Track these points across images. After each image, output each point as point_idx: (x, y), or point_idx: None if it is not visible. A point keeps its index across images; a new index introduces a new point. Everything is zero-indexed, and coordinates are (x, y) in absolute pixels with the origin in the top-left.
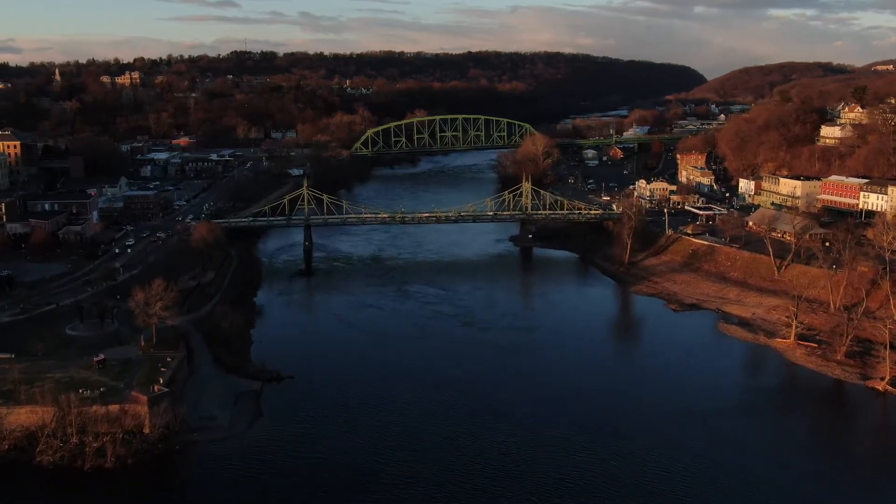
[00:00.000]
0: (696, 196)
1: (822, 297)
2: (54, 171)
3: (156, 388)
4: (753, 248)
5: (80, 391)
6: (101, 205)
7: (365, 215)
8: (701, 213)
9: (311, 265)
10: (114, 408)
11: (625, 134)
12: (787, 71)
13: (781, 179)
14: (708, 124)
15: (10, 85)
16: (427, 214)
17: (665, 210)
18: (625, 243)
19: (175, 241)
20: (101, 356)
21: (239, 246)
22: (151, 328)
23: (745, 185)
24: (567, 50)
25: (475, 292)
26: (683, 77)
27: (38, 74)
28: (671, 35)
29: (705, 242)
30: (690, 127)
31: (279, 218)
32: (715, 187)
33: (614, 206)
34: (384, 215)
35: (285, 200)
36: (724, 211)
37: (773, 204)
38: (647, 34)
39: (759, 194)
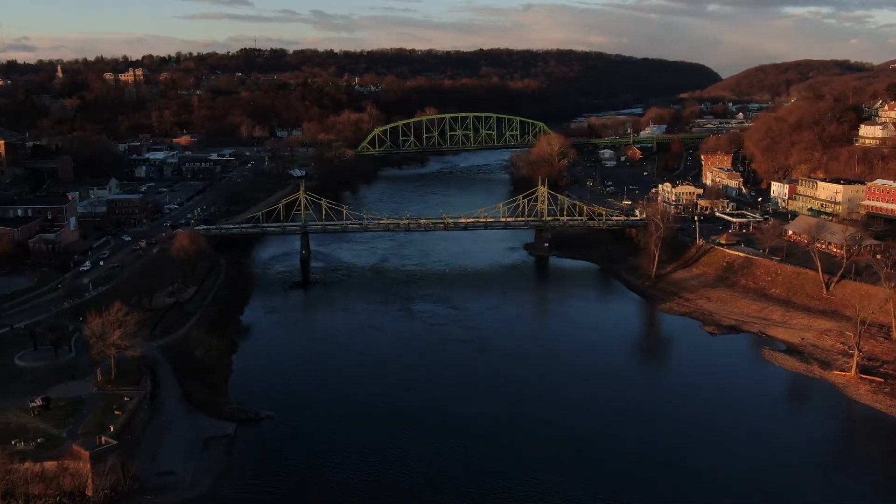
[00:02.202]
0: (726, 201)
1: (881, 320)
2: (42, 171)
3: (103, 439)
4: (796, 261)
5: (14, 442)
6: (83, 209)
7: (367, 222)
8: (733, 220)
9: (309, 277)
10: (50, 465)
11: (642, 133)
12: (804, 69)
13: (819, 183)
14: (726, 123)
15: (9, 82)
16: (434, 221)
17: (695, 217)
18: (652, 254)
19: (156, 252)
20: (38, 401)
21: (230, 255)
22: (110, 360)
23: (778, 189)
24: (580, 48)
25: (487, 312)
26: (698, 75)
27: (41, 72)
28: (685, 33)
29: (741, 254)
30: (710, 126)
31: (274, 224)
32: (744, 191)
33: (637, 212)
34: (388, 222)
35: (281, 205)
36: (759, 218)
37: (810, 210)
38: (660, 32)
39: (794, 199)
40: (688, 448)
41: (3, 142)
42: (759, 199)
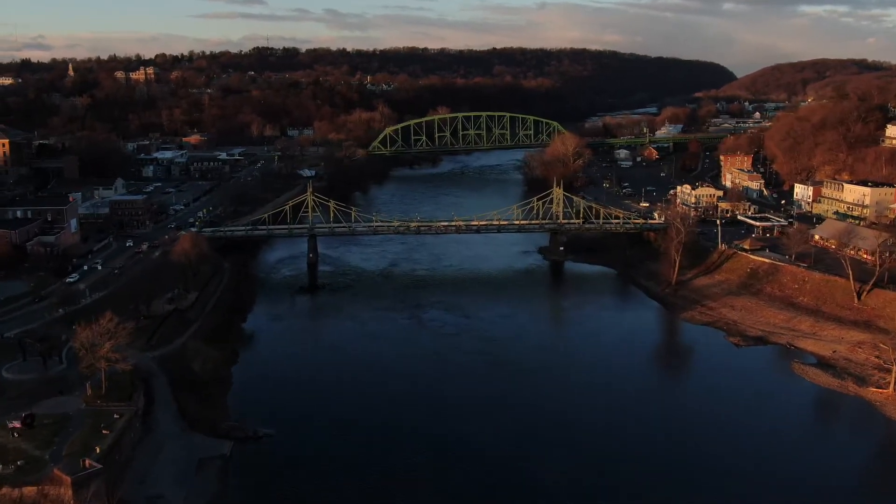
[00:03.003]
0: (748, 203)
1: None
2: (47, 171)
3: (87, 462)
4: (825, 268)
5: None
6: (85, 211)
7: (376, 224)
8: (757, 223)
9: (316, 281)
10: (29, 490)
11: (658, 133)
12: (821, 68)
13: (846, 185)
14: (743, 123)
15: (20, 80)
16: (446, 224)
17: (717, 220)
18: (672, 260)
19: (157, 256)
20: (16, 423)
21: (235, 258)
22: (100, 373)
23: (802, 191)
24: (594, 47)
25: (501, 320)
26: (712, 74)
27: (53, 70)
28: (699, 32)
29: (766, 260)
30: (726, 125)
31: (280, 227)
32: (765, 193)
33: (655, 215)
34: (398, 224)
35: (288, 207)
36: (784, 222)
37: (836, 213)
38: (674, 31)
39: (819, 202)
40: (715, 469)
41: (7, 141)
42: (783, 202)
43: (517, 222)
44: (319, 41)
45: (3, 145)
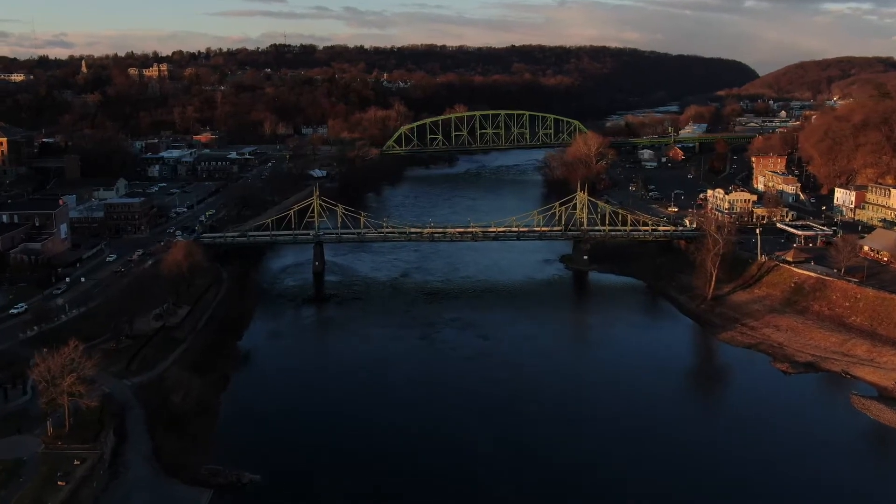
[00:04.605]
0: (785, 209)
1: None
2: (48, 170)
3: None
4: (879, 284)
5: None
6: (79, 214)
7: (387, 230)
8: (798, 232)
9: (322, 292)
10: None
11: (681, 132)
12: (846, 66)
13: (893, 191)
14: (769, 122)
15: (32, 77)
16: (462, 230)
17: (756, 229)
18: (708, 272)
19: (148, 266)
20: None
21: (235, 267)
22: (63, 408)
23: (843, 196)
24: (613, 44)
25: (522, 342)
26: (734, 72)
27: (66, 66)
28: (720, 29)
29: (813, 274)
30: (752, 125)
31: (284, 233)
32: (802, 197)
33: (687, 221)
34: (410, 230)
35: (293, 211)
36: (828, 230)
37: (882, 221)
38: (695, 28)
39: (862, 208)
40: None
41: (5, 139)
42: (823, 208)
43: (538, 229)
44: (338, 39)
45: (1, 144)
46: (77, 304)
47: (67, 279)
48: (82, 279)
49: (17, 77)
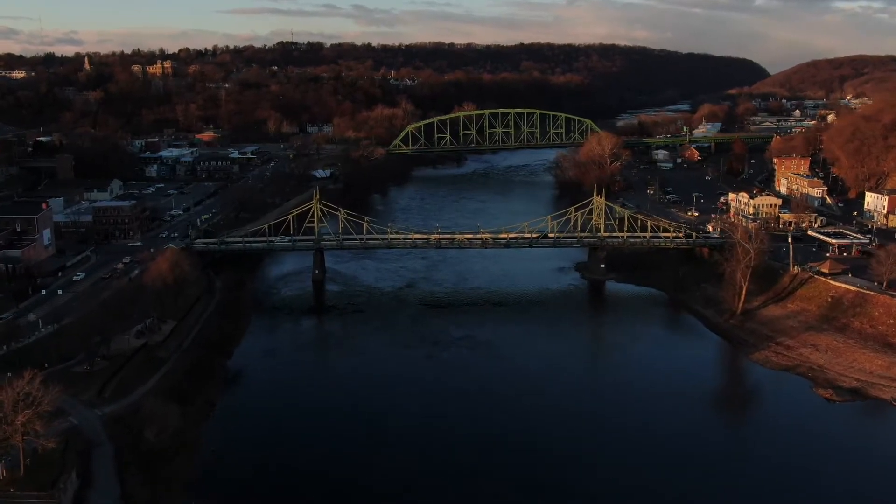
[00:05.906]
0: (815, 215)
1: None
2: (40, 171)
3: None
4: None
5: None
6: (65, 219)
7: (391, 236)
8: (832, 241)
9: (322, 303)
10: None
11: (695, 131)
12: (859, 65)
13: None
14: (784, 121)
15: (33, 73)
16: (471, 237)
17: (788, 237)
18: (738, 285)
19: (134, 276)
20: None
21: (229, 276)
22: (17, 448)
23: (874, 201)
24: (623, 43)
25: (536, 364)
26: (745, 71)
27: (69, 64)
28: (730, 28)
29: (852, 287)
30: (767, 124)
31: (282, 239)
32: (828, 201)
33: (710, 227)
34: (415, 236)
35: (292, 215)
36: (864, 239)
37: None
38: (704, 27)
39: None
40: None
41: None
42: (854, 213)
43: (552, 235)
44: (347, 37)
45: None
46: (51, 319)
47: (43, 292)
48: (59, 291)
49: (19, 74)
